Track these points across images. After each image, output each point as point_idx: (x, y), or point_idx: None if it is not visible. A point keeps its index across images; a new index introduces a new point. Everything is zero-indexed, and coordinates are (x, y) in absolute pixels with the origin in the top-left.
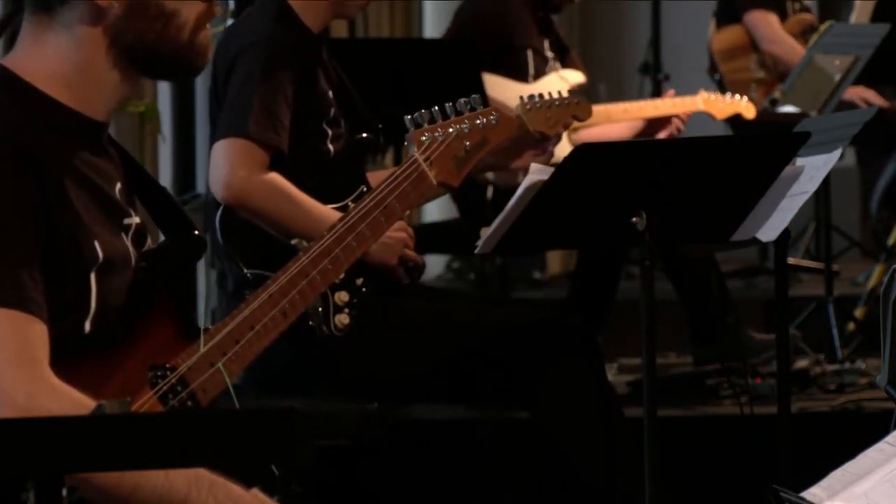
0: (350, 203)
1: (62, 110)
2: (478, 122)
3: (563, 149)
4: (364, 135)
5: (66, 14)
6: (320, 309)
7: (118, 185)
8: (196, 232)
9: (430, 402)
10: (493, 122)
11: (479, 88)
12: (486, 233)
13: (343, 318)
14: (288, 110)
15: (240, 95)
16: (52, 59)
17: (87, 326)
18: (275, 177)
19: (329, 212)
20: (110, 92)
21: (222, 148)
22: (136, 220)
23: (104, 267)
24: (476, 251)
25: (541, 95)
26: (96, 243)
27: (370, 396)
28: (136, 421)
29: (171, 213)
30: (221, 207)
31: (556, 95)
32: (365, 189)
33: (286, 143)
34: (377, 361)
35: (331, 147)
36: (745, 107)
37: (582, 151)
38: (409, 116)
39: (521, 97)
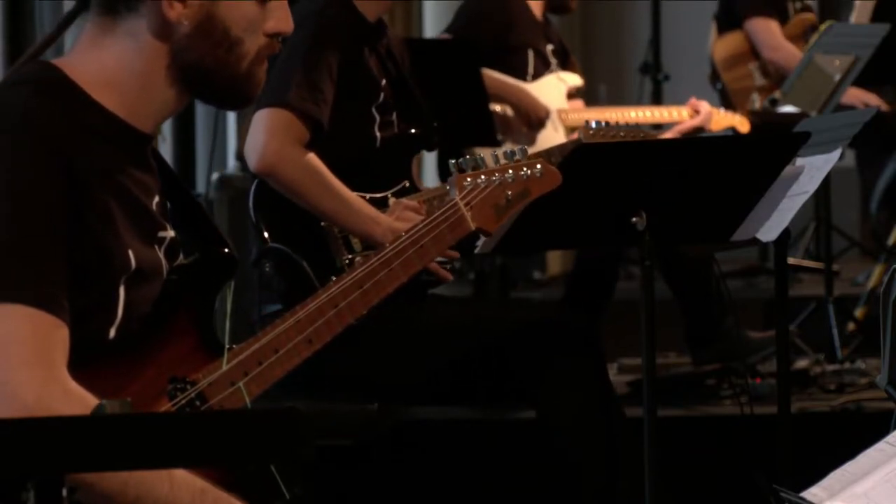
0: (390, 195)
1: (109, 118)
2: (522, 172)
3: (554, 138)
4: (410, 131)
5: (132, 21)
6: None
7: (156, 199)
8: (227, 250)
9: (434, 404)
10: (538, 174)
11: (480, 88)
12: None
13: None
14: (332, 85)
15: (284, 67)
16: (110, 64)
17: (112, 333)
18: (311, 156)
19: (359, 202)
20: (161, 106)
21: (261, 117)
22: (170, 233)
23: (135, 277)
24: (476, 251)
25: (607, 123)
26: (130, 252)
27: (374, 398)
28: (137, 421)
29: (206, 230)
30: (256, 181)
31: (622, 124)
32: (407, 185)
33: (327, 116)
34: (381, 364)
35: (378, 134)
36: (739, 121)
37: (582, 151)
38: (453, 160)
39: (587, 122)
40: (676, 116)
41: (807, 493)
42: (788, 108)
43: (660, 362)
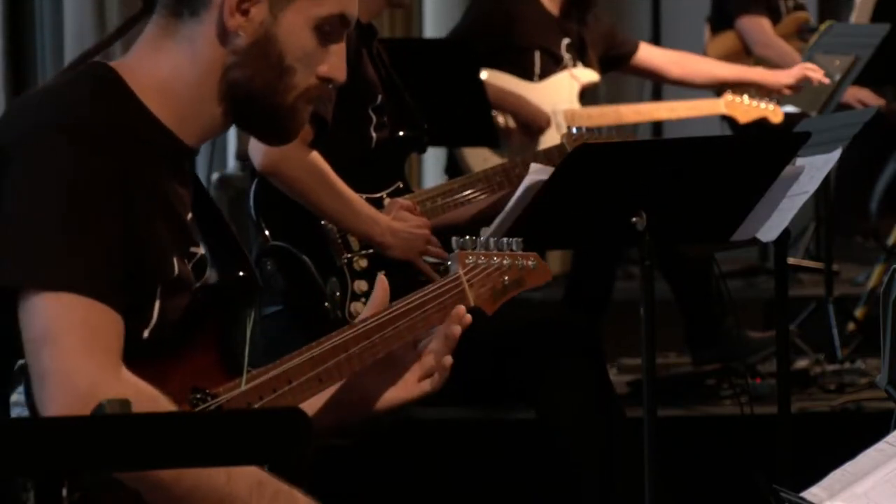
0: (385, 196)
1: (159, 128)
2: (517, 262)
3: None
4: (401, 133)
5: (192, 27)
6: (338, 293)
7: (190, 214)
8: (250, 273)
9: (434, 404)
10: (532, 266)
11: (480, 89)
12: (486, 233)
13: (358, 307)
14: None
15: None
16: (165, 69)
17: (146, 334)
18: (314, 155)
19: (360, 202)
20: (207, 122)
21: None
22: (200, 251)
23: (171, 285)
24: None
25: (589, 129)
26: (175, 260)
27: None
28: (137, 421)
29: (231, 250)
30: (257, 179)
31: (604, 128)
32: (401, 185)
33: (331, 114)
34: None
35: (374, 134)
36: (772, 111)
37: (582, 151)
38: (456, 238)
39: (570, 128)
40: (703, 110)
41: (807, 493)
42: (788, 108)
43: (660, 362)
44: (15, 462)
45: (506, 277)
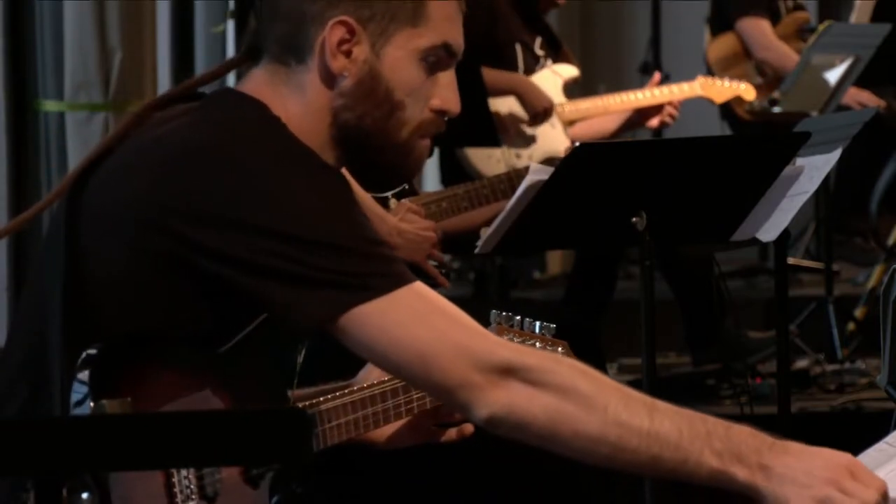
0: (391, 196)
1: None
2: (548, 348)
3: (559, 141)
4: None
5: (301, 75)
6: None
7: None
8: None
9: None
10: (561, 353)
11: (479, 87)
12: (486, 233)
13: None
14: None
15: None
16: (291, 116)
17: (223, 349)
18: None
19: (369, 199)
20: None
21: None
22: None
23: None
24: (476, 251)
25: None
26: None
27: None
28: (137, 421)
29: None
30: None
31: None
32: (407, 187)
33: None
34: None
35: None
36: (744, 89)
37: (582, 151)
38: (495, 311)
39: (573, 142)
40: (680, 94)
41: None
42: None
43: (660, 362)
44: (15, 462)
45: None
